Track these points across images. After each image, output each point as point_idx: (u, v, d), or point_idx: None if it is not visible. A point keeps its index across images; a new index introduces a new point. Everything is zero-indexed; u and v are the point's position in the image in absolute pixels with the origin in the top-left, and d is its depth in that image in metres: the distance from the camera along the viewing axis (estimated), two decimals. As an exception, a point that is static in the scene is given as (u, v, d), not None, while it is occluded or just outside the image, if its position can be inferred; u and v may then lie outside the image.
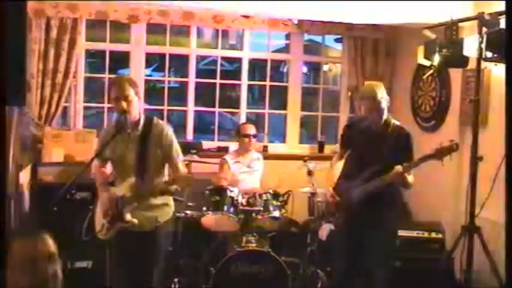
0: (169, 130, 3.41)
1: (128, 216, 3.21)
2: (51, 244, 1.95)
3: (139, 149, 3.28)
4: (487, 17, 3.66)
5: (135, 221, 3.24)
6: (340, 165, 3.87)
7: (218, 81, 5.94)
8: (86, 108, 5.65)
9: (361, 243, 3.60)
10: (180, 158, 3.45)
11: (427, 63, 4.16)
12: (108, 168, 3.49)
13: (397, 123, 3.71)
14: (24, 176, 4.81)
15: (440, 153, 3.41)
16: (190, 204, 4.62)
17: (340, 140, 3.99)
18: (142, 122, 3.33)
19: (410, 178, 3.52)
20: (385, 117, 3.64)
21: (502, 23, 3.58)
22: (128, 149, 3.29)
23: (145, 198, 3.27)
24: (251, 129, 4.98)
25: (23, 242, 1.90)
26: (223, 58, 6.38)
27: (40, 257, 1.89)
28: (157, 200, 3.34)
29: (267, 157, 5.32)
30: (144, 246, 3.29)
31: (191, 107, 5.84)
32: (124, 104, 3.20)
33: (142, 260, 3.30)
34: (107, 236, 3.27)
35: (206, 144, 5.72)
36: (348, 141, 3.83)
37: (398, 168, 3.42)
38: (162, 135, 3.35)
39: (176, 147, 3.43)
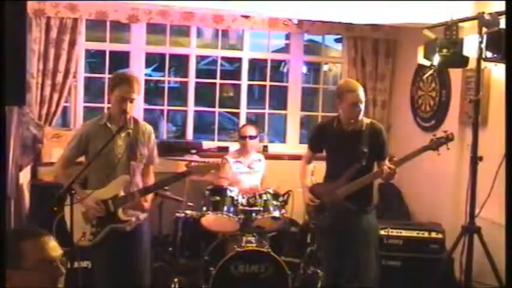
0: (152, 131, 3.45)
1: (123, 216, 3.21)
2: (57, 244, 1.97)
3: (130, 148, 3.27)
4: (487, 17, 3.66)
5: (133, 219, 3.24)
6: (310, 167, 3.92)
7: (218, 81, 5.94)
8: (86, 108, 5.65)
9: (348, 243, 3.59)
10: (155, 162, 3.47)
11: (427, 63, 4.15)
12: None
13: (368, 119, 3.72)
14: (24, 176, 4.81)
15: (435, 144, 3.42)
16: (190, 204, 4.62)
17: (310, 143, 3.96)
18: (132, 121, 3.33)
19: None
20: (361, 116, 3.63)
21: (502, 23, 3.57)
22: (118, 148, 3.26)
23: (139, 197, 3.27)
24: (249, 131, 4.98)
25: (36, 242, 1.89)
26: (223, 58, 6.37)
27: (56, 257, 1.90)
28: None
29: (267, 157, 5.32)
30: (129, 246, 3.29)
31: (191, 107, 5.84)
32: (129, 106, 3.21)
33: (127, 260, 3.29)
34: (93, 241, 3.22)
35: (206, 144, 5.72)
36: (320, 143, 3.82)
37: (389, 165, 3.42)
38: (150, 135, 3.40)
39: (156, 151, 3.46)
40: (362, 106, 3.57)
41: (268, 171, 5.13)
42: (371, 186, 3.72)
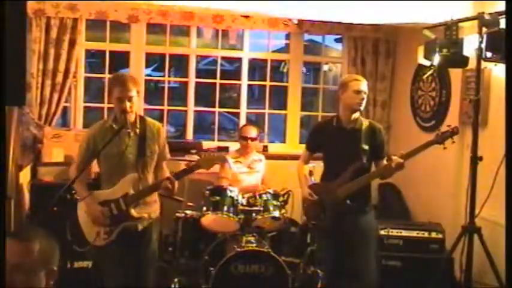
0: (163, 129, 3.47)
1: (134, 212, 3.22)
2: (46, 246, 1.89)
3: (139, 146, 3.29)
4: (487, 17, 3.66)
5: (145, 215, 3.26)
6: (308, 167, 3.92)
7: (218, 81, 5.94)
8: (86, 108, 5.65)
9: (348, 243, 3.59)
10: (167, 158, 3.50)
11: (427, 63, 4.15)
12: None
13: (366, 120, 3.72)
14: (24, 176, 4.81)
15: (441, 138, 3.42)
16: (190, 204, 4.62)
17: (308, 143, 3.93)
18: (138, 120, 3.34)
19: None
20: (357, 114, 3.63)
21: (502, 23, 3.58)
22: (127, 147, 3.27)
23: (148, 193, 3.28)
24: (250, 132, 4.97)
25: (19, 243, 1.84)
26: (223, 58, 6.38)
27: (33, 261, 1.83)
28: (149, 197, 3.36)
29: (267, 157, 5.32)
30: (140, 244, 3.32)
31: (191, 107, 5.84)
32: (127, 105, 3.20)
33: (138, 258, 3.31)
34: (107, 241, 3.24)
35: (206, 144, 5.72)
36: (319, 143, 3.81)
37: (398, 159, 3.41)
38: (159, 132, 3.40)
39: (167, 147, 3.47)
40: (365, 96, 3.57)
41: (268, 171, 5.13)
42: (369, 186, 3.71)
